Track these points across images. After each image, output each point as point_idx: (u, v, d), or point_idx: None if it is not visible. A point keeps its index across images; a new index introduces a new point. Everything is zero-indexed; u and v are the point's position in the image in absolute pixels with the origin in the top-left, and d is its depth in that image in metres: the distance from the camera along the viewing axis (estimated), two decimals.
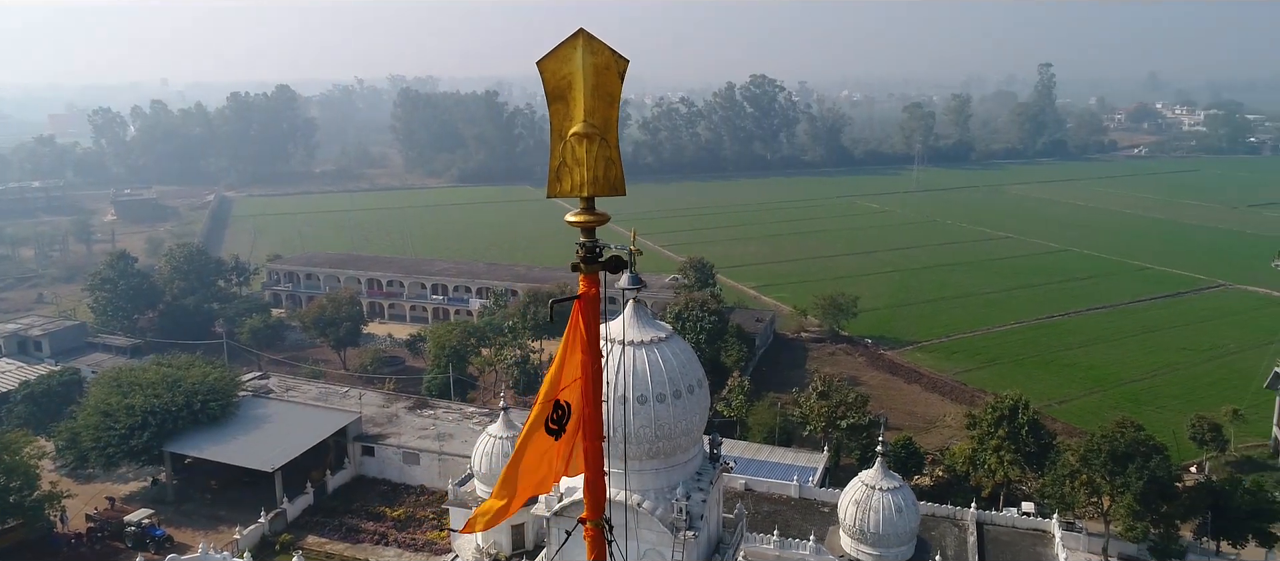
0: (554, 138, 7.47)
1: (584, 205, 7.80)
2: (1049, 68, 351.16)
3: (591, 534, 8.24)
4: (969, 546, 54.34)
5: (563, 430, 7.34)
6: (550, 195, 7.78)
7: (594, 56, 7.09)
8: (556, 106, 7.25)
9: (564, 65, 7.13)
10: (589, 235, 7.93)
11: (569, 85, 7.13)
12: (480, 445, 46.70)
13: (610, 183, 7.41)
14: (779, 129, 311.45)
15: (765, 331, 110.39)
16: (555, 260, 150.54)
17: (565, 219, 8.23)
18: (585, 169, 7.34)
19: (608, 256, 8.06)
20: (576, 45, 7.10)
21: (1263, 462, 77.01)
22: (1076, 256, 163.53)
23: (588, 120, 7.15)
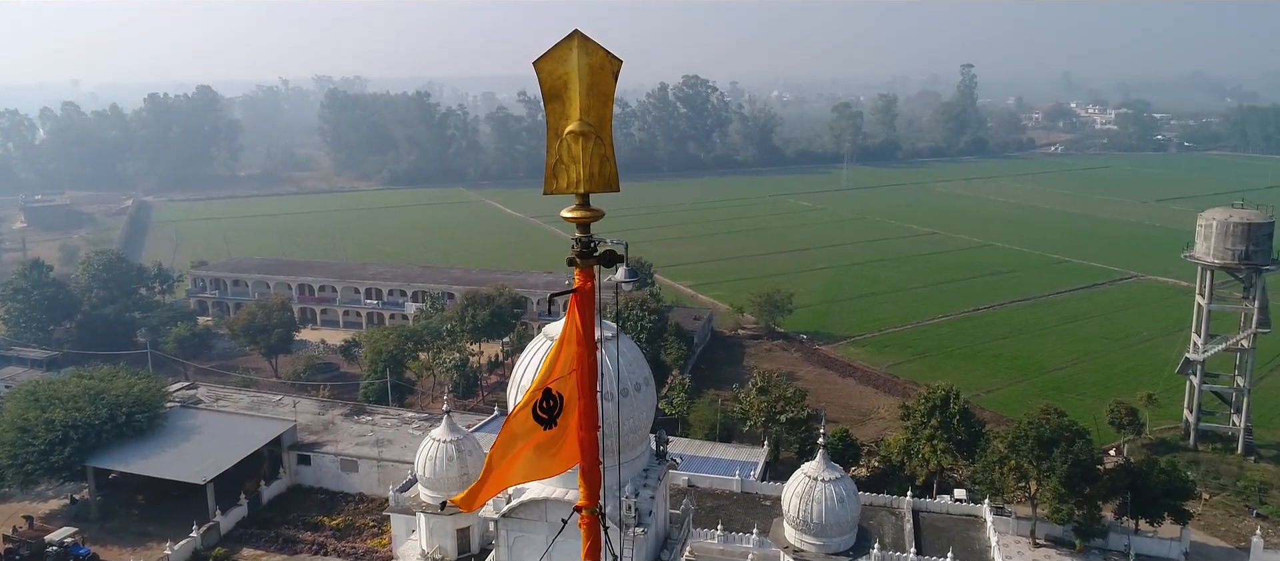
0: (550, 136, 7.68)
1: (579, 201, 8.03)
2: (970, 68, 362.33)
3: (587, 521, 8.49)
4: (906, 533, 55.97)
5: (552, 420, 7.56)
6: (547, 192, 8.00)
7: (589, 57, 7.34)
8: (552, 105, 7.47)
9: (560, 65, 7.36)
10: (584, 230, 8.16)
11: (565, 85, 7.36)
12: (423, 449, 46.20)
13: (605, 179, 7.66)
14: (712, 129, 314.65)
15: (703, 329, 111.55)
16: (492, 262, 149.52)
17: (562, 214, 8.46)
18: (581, 166, 7.57)
19: (602, 251, 8.30)
20: (572, 46, 7.34)
21: (1176, 444, 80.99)
22: (999, 251, 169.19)
23: (583, 119, 7.39)
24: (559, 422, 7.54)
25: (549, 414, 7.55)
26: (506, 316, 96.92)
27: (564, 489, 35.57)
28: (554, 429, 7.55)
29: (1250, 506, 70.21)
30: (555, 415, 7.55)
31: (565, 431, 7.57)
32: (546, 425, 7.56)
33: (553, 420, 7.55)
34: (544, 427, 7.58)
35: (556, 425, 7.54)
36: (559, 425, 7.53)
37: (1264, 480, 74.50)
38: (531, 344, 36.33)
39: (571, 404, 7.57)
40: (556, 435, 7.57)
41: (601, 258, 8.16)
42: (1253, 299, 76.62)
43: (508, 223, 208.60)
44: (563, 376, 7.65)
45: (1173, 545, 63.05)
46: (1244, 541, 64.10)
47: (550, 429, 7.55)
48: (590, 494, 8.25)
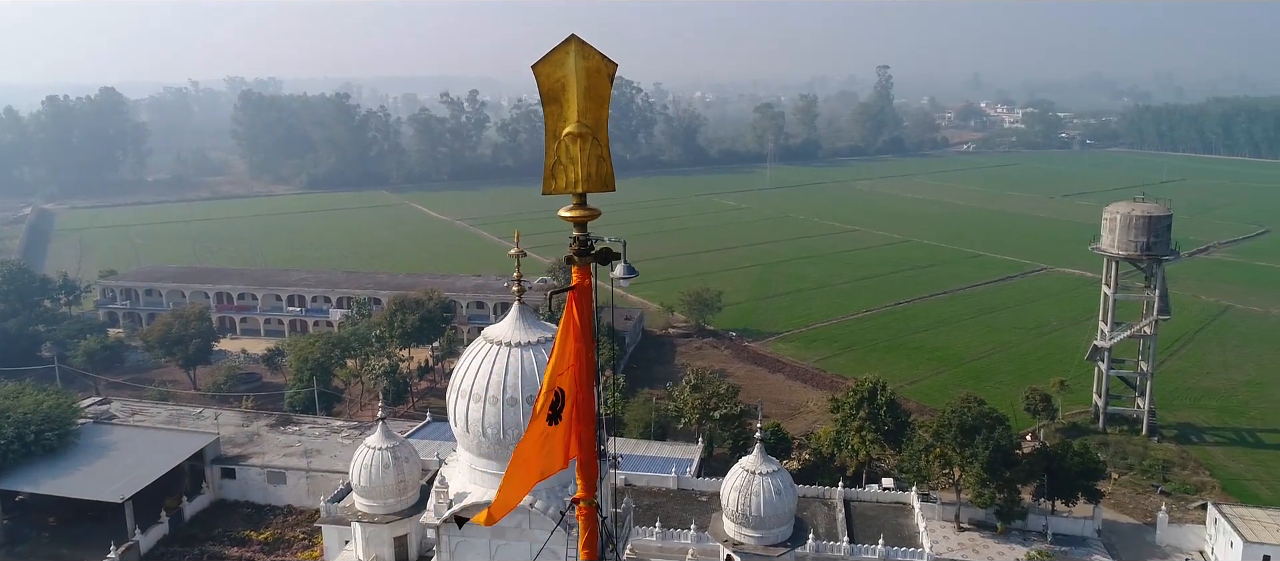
0: (548, 138, 7.88)
1: (577, 201, 8.24)
2: (886, 70, 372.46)
3: (584, 512, 8.69)
4: (838, 523, 57.48)
5: (557, 415, 7.76)
6: (546, 192, 8.18)
7: (586, 60, 7.57)
8: (551, 108, 7.67)
9: (558, 69, 7.57)
10: (582, 229, 8.36)
11: (563, 88, 7.57)
12: (358, 458, 45.38)
13: (602, 179, 7.90)
14: (637, 130, 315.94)
15: (635, 329, 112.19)
16: (418, 266, 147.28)
17: (560, 214, 8.65)
18: (579, 167, 7.79)
19: (598, 249, 8.52)
20: (569, 50, 7.55)
21: (1086, 427, 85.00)
22: (917, 246, 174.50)
23: (581, 121, 7.61)
24: (563, 417, 7.74)
25: (555, 410, 7.75)
26: (436, 321, 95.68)
27: None
28: (559, 424, 7.75)
29: (1155, 484, 74.23)
30: (559, 411, 7.75)
31: (567, 426, 7.78)
32: (552, 421, 7.76)
33: (557, 416, 7.76)
34: (550, 424, 7.77)
35: (561, 421, 7.75)
36: (563, 420, 7.74)
37: (1167, 459, 78.85)
38: (471, 347, 36.14)
39: (570, 398, 7.78)
40: (560, 430, 7.77)
41: (598, 255, 8.39)
42: (1154, 288, 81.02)
43: (433, 226, 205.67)
44: (564, 372, 7.86)
45: (1086, 523, 66.19)
46: (1150, 517, 67.78)
47: (555, 425, 7.75)
48: (588, 486, 8.47)
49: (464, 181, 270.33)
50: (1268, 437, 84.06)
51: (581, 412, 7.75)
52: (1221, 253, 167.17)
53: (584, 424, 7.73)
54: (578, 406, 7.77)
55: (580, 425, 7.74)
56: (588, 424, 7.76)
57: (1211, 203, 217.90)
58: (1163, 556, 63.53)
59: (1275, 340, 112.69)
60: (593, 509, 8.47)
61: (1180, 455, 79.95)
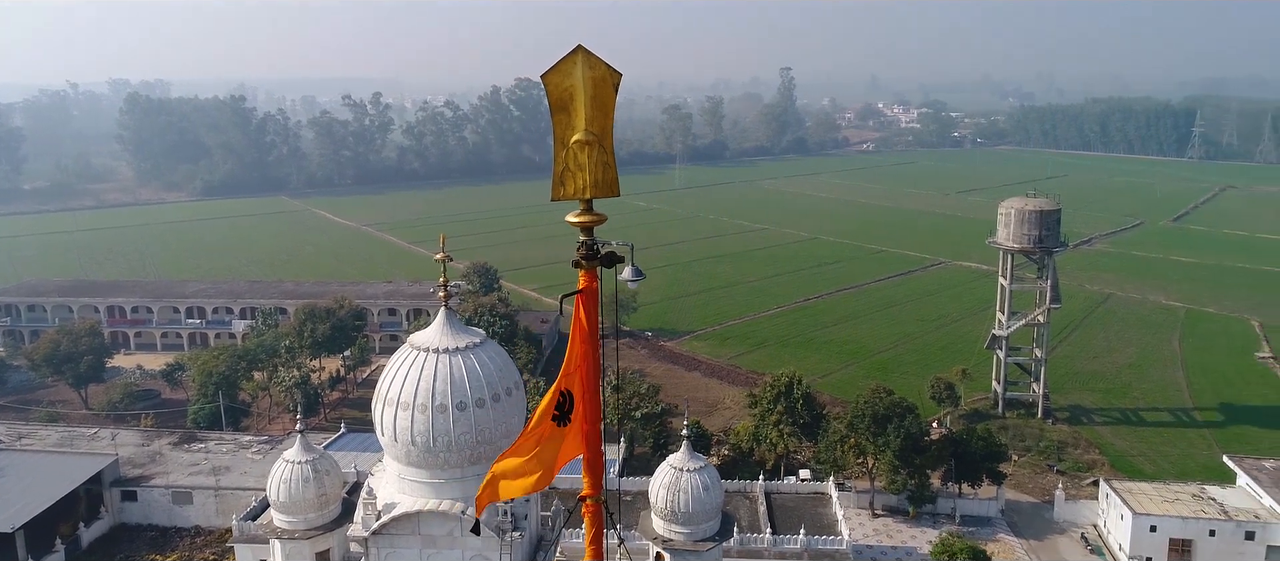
0: (557, 145, 8.11)
1: (584, 207, 8.47)
2: (789, 71, 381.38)
3: (591, 509, 8.92)
4: (760, 515, 58.83)
5: (565, 416, 7.97)
6: (555, 198, 8.39)
7: (592, 70, 7.82)
8: (559, 117, 7.89)
9: (566, 79, 7.80)
10: (588, 234, 8.59)
11: (571, 97, 7.80)
12: (276, 472, 44.10)
13: (607, 184, 8.17)
14: (547, 131, 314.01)
15: (551, 332, 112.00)
16: (325, 273, 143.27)
17: (567, 219, 8.85)
18: (587, 173, 8.04)
19: (604, 252, 8.76)
20: (577, 60, 7.79)
21: (987, 413, 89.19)
22: (824, 243, 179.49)
23: (588, 129, 7.87)
24: (571, 418, 7.96)
25: (562, 410, 7.96)
26: (348, 329, 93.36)
27: (437, 500, 35.25)
28: (568, 425, 7.97)
29: (1051, 464, 78.56)
30: (567, 412, 7.97)
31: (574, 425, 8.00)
32: (561, 421, 7.97)
33: (566, 417, 7.97)
34: (558, 425, 7.98)
35: (569, 421, 7.97)
36: (572, 420, 7.96)
37: (1061, 440, 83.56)
38: (397, 354, 35.60)
39: (578, 399, 8.01)
40: (568, 430, 7.99)
41: (604, 259, 8.67)
42: (1046, 278, 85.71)
43: (339, 232, 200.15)
44: (572, 373, 8.09)
45: (990, 504, 69.65)
46: (1048, 495, 71.78)
47: (564, 425, 7.96)
48: (594, 483, 8.72)
49: (369, 185, 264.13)
50: (1149, 416, 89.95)
51: (589, 412, 8.01)
52: (1102, 244, 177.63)
53: (591, 423, 8.01)
54: (585, 406, 8.02)
55: (587, 424, 8.01)
56: (594, 423, 8.03)
57: (1091, 197, 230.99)
58: (1060, 531, 67.32)
59: (1152, 325, 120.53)
60: (599, 506, 8.74)
61: (1073, 436, 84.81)
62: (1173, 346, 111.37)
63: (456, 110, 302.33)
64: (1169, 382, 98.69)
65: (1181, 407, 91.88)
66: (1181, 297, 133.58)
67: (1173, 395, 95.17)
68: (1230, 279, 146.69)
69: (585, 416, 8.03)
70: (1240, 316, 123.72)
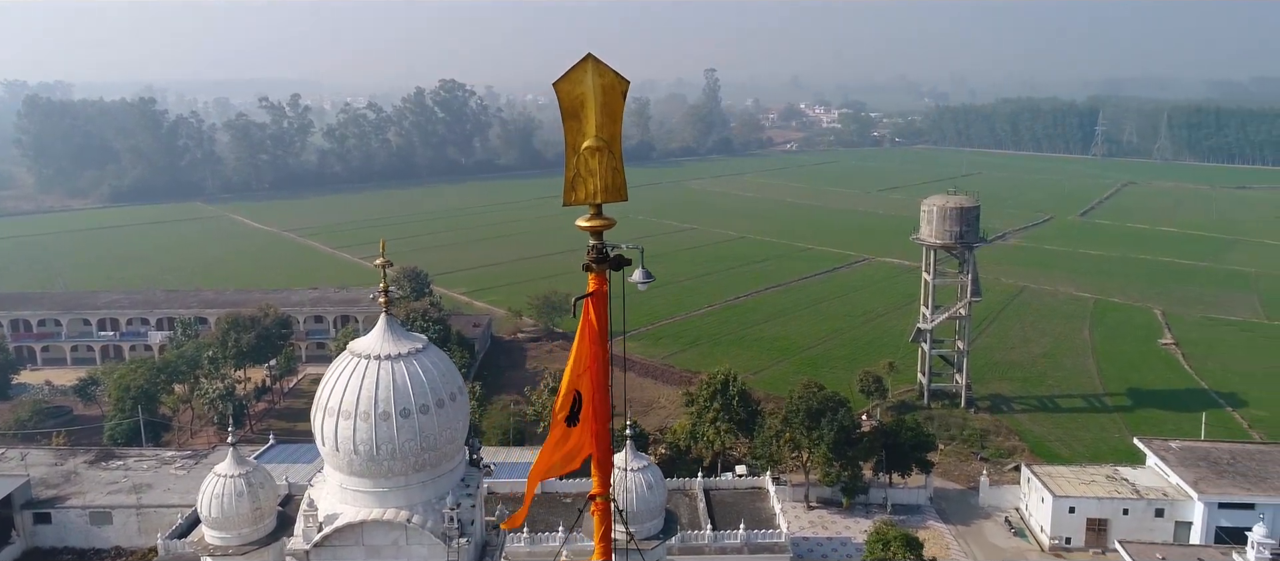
0: (568, 152, 8.27)
1: (594, 211, 8.65)
2: (713, 73, 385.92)
3: (600, 507, 9.09)
4: (700, 512, 59.55)
5: (575, 416, 8.14)
6: (566, 204, 8.54)
7: (601, 78, 8.00)
8: (570, 123, 8.06)
9: (577, 86, 7.96)
10: (598, 237, 8.76)
11: (582, 104, 7.98)
12: (208, 487, 42.84)
13: (617, 189, 8.38)
14: (472, 134, 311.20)
15: (484, 336, 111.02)
16: (247, 281, 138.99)
17: (577, 223, 9.00)
18: (597, 178, 8.23)
19: (613, 255, 8.94)
20: (587, 68, 7.97)
21: (913, 404, 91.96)
22: (751, 242, 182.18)
23: (598, 135, 8.06)
24: (581, 418, 8.13)
25: (573, 411, 8.13)
26: (273, 338, 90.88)
27: (380, 508, 34.78)
28: (577, 425, 8.14)
29: (975, 452, 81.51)
30: (576, 412, 8.14)
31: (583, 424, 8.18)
32: (571, 422, 8.14)
33: (575, 417, 8.14)
34: (569, 425, 8.15)
35: (579, 421, 8.14)
36: (581, 421, 8.13)
37: (983, 428, 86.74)
38: (337, 362, 34.99)
39: (587, 398, 8.19)
40: (577, 430, 8.15)
41: (613, 262, 8.88)
42: (967, 273, 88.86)
43: (258, 238, 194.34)
44: (582, 374, 8.27)
45: (919, 492, 71.90)
46: (973, 482, 74.48)
47: (573, 425, 8.13)
48: (603, 481, 8.91)
49: (289, 190, 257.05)
50: (1064, 403, 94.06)
51: (598, 412, 8.21)
52: (1016, 239, 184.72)
53: (601, 422, 8.20)
54: (595, 406, 8.22)
55: (597, 424, 8.20)
56: (604, 422, 8.22)
57: (1004, 194, 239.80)
58: (986, 516, 69.96)
59: (1064, 315, 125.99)
60: (607, 504, 8.94)
61: (994, 424, 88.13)
62: (1083, 335, 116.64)
63: (379, 112, 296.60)
64: (1081, 370, 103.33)
65: (1093, 393, 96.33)
66: (1090, 289, 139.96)
67: (1085, 382, 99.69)
68: (1134, 270, 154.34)
69: (595, 415, 8.24)
70: (1144, 306, 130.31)
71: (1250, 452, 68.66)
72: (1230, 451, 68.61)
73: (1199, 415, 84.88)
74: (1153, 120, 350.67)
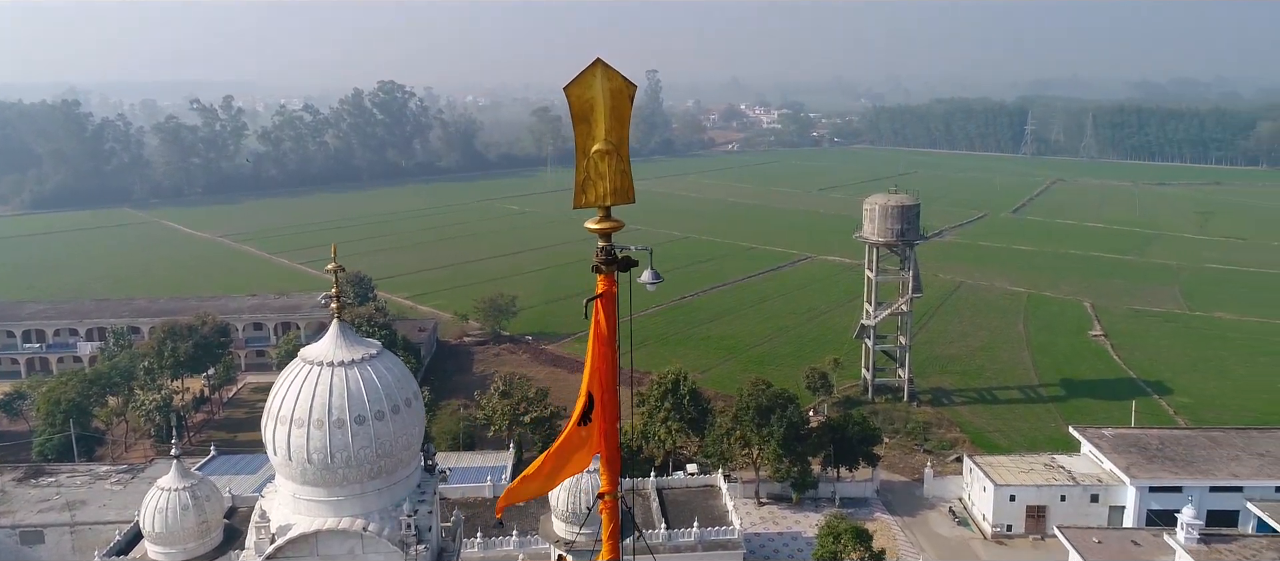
0: (578, 155, 8.37)
1: (603, 214, 8.75)
2: (655, 74, 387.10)
3: (608, 506, 9.18)
4: (654, 511, 59.86)
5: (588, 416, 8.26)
6: (576, 206, 8.63)
7: (610, 82, 8.11)
8: (581, 127, 8.15)
9: (587, 91, 8.05)
10: (607, 239, 8.86)
11: (591, 108, 8.06)
12: (151, 501, 41.62)
13: (625, 192, 8.49)
14: (412, 136, 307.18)
15: (429, 340, 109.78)
16: (181, 288, 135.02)
17: (586, 225, 9.08)
18: (607, 181, 8.32)
19: (621, 257, 9.04)
20: (596, 73, 8.06)
21: (858, 399, 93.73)
22: (696, 242, 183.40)
23: (607, 139, 8.16)
24: (593, 418, 8.24)
25: (586, 412, 8.24)
26: (211, 347, 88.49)
27: (335, 518, 34.26)
28: (589, 424, 8.25)
29: (919, 444, 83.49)
30: (588, 412, 8.25)
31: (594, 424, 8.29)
32: (583, 421, 8.24)
33: (587, 416, 8.25)
34: (582, 424, 8.25)
35: (591, 421, 8.25)
36: (593, 420, 8.24)
37: (926, 421, 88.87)
38: (288, 369, 34.31)
39: (597, 398, 8.31)
40: (589, 430, 8.26)
41: (621, 263, 8.99)
42: (908, 269, 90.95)
43: (192, 244, 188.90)
44: (593, 374, 8.38)
45: (866, 485, 73.39)
46: (918, 474, 76.29)
47: (585, 425, 8.24)
48: (612, 480, 9.01)
49: (223, 194, 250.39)
50: (1001, 394, 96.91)
51: (607, 412, 8.34)
52: (952, 236, 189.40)
53: (610, 422, 8.33)
54: (604, 406, 8.35)
55: (606, 423, 8.33)
56: (613, 422, 8.35)
57: (940, 192, 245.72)
58: (930, 507, 71.72)
59: (1000, 310, 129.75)
60: (616, 502, 9.04)
61: (936, 416, 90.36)
62: (1018, 329, 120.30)
63: (316, 114, 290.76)
64: (1017, 362, 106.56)
65: (1029, 385, 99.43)
66: (1024, 284, 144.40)
67: (1021, 374, 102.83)
68: (1064, 265, 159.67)
69: (604, 415, 8.38)
70: (1075, 299, 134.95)
71: (1177, 438, 71.71)
72: (1159, 437, 71.57)
73: (1129, 403, 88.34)
74: (1078, 120, 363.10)
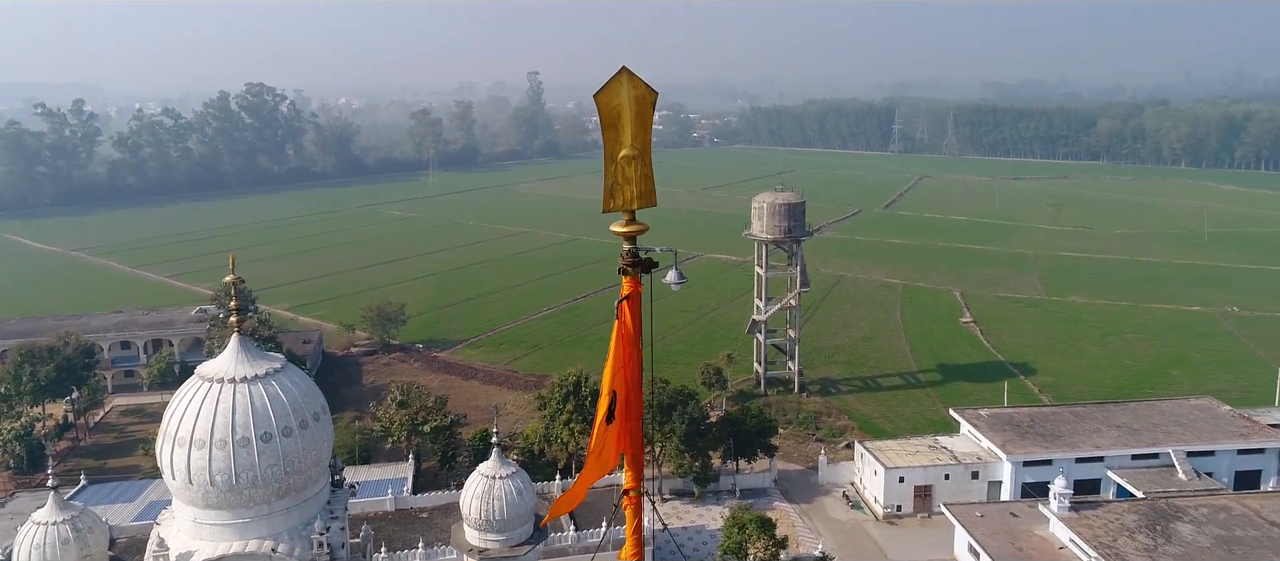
0: (607, 161, 8.54)
1: (628, 218, 8.92)
2: (537, 75, 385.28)
3: (633, 501, 9.34)
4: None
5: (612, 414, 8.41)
6: (606, 210, 8.78)
7: (635, 90, 8.32)
8: (609, 133, 8.34)
9: (614, 98, 8.23)
10: (632, 242, 9.03)
11: (619, 115, 8.26)
12: (26, 537, 38.69)
13: (649, 195, 8.72)
14: (285, 140, 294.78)
15: (314, 352, 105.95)
16: (32, 307, 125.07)
17: (612, 228, 9.19)
18: (634, 185, 8.52)
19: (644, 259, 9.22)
20: (622, 81, 8.27)
21: (751, 393, 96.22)
22: (584, 244, 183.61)
23: (633, 144, 8.37)
24: (617, 416, 8.40)
25: (611, 410, 8.39)
26: (76, 369, 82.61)
27: (242, 540, 32.89)
28: (614, 422, 8.40)
29: (811, 433, 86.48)
30: (613, 410, 8.40)
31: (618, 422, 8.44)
32: (609, 420, 8.38)
33: (613, 415, 8.40)
34: (608, 423, 8.40)
35: (615, 419, 8.40)
36: (617, 418, 8.39)
37: (816, 410, 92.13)
38: (184, 388, 32.68)
39: (621, 397, 8.48)
40: (614, 427, 8.41)
41: (644, 265, 9.19)
42: (795, 264, 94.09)
43: (42, 259, 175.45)
44: (618, 373, 8.54)
45: (764, 476, 75.54)
46: (812, 462, 79.07)
47: (611, 422, 8.39)
48: (636, 476, 9.19)
49: (75, 205, 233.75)
50: (884, 382, 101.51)
51: (631, 410, 8.54)
52: (830, 231, 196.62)
53: (634, 420, 8.53)
54: (629, 404, 8.55)
55: (630, 421, 8.52)
56: (637, 420, 8.55)
57: (817, 189, 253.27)
58: (825, 493, 74.49)
59: (878, 301, 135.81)
60: (639, 498, 9.24)
61: (825, 406, 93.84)
62: (896, 318, 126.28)
63: (178, 118, 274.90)
64: (897, 351, 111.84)
65: (909, 371, 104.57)
66: (899, 275, 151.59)
67: (901, 361, 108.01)
68: (935, 256, 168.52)
69: (628, 414, 8.59)
70: (945, 289, 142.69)
71: (1046, 415, 77.05)
72: (1030, 415, 76.71)
73: (1000, 384, 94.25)
74: (941, 120, 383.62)
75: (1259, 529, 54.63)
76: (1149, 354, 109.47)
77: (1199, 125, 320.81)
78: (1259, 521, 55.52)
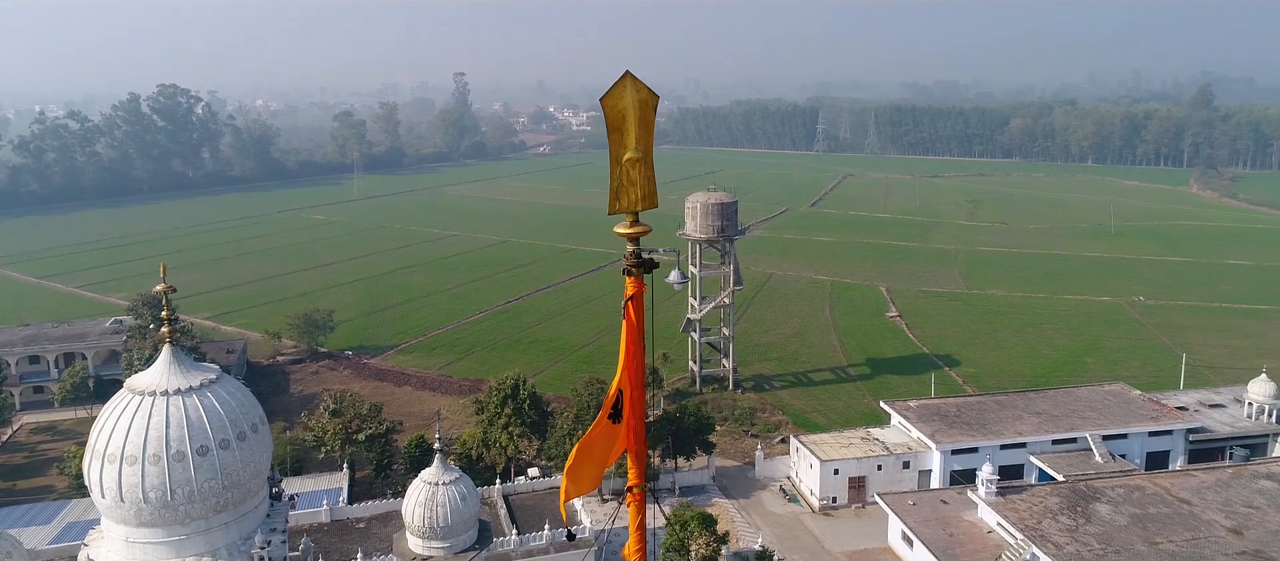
0: (612, 163, 8.61)
1: (632, 219, 8.99)
2: (463, 76, 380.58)
3: (636, 498, 9.38)
4: (502, 518, 59.47)
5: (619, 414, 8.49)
6: (611, 212, 8.83)
7: (638, 93, 8.42)
8: (614, 136, 8.41)
9: (619, 102, 8.31)
10: (636, 243, 9.11)
11: (623, 118, 8.34)
12: None
13: (652, 197, 8.82)
14: (200, 143, 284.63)
15: (239, 362, 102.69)
16: None
17: (616, 230, 9.24)
18: (638, 188, 8.59)
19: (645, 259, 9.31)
20: (626, 85, 8.35)
21: (687, 391, 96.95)
22: (515, 246, 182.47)
23: (637, 147, 8.46)
24: (623, 415, 8.47)
25: (617, 409, 8.46)
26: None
27: (178, 558, 31.79)
28: (621, 422, 8.46)
29: (747, 429, 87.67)
30: (619, 409, 8.47)
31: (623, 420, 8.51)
32: (615, 419, 8.45)
33: (619, 414, 8.47)
34: (614, 422, 8.46)
35: (622, 418, 8.47)
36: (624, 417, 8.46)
37: (751, 407, 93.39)
38: (113, 402, 31.55)
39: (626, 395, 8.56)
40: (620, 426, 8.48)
41: (647, 265, 9.28)
42: (728, 263, 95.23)
43: None
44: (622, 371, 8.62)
45: (703, 473, 76.28)
46: (749, 457, 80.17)
47: (618, 422, 8.45)
48: (639, 473, 9.26)
49: None
50: (816, 376, 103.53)
51: (635, 408, 8.63)
52: (759, 230, 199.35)
53: (637, 418, 8.63)
54: (632, 403, 8.64)
55: (634, 419, 8.62)
56: (640, 418, 8.64)
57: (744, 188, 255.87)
58: (763, 487, 75.60)
59: (808, 298, 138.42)
60: (643, 495, 9.32)
61: (760, 401, 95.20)
62: (826, 314, 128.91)
63: (84, 122, 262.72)
64: (827, 346, 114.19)
65: (839, 366, 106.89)
66: (827, 272, 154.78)
67: (831, 356, 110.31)
68: (860, 253, 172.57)
69: (632, 412, 8.70)
70: (872, 284, 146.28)
71: (971, 404, 79.76)
72: (956, 405, 79.28)
73: (927, 376, 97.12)
74: (862, 119, 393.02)
75: (1170, 506, 57.65)
76: (1064, 343, 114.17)
77: (1104, 124, 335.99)
78: (1170, 499, 58.59)
